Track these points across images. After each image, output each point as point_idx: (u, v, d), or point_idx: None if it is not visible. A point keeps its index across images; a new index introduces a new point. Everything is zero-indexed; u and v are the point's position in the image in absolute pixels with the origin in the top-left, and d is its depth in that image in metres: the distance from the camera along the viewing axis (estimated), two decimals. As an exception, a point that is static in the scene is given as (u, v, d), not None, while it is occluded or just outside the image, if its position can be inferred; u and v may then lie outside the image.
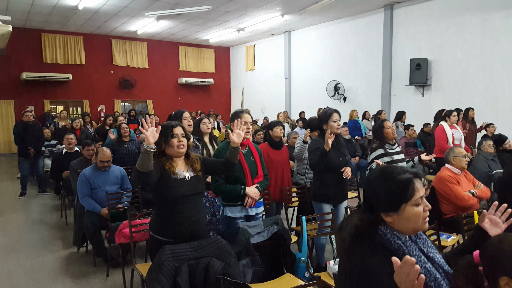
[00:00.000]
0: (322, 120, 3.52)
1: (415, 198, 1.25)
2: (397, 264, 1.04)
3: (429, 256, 1.29)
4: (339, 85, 12.22)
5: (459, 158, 3.77)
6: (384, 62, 10.97)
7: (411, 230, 1.28)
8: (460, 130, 6.28)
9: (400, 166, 1.36)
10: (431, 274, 1.22)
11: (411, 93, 10.49)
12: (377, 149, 3.75)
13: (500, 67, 8.59)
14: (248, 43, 16.38)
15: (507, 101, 8.42)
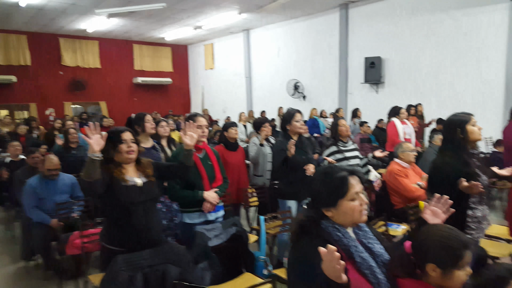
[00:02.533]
0: (286, 120, 3.57)
1: (350, 193, 1.37)
2: (323, 253, 1.13)
3: (368, 246, 1.40)
4: (299, 84, 12.41)
5: (407, 153, 3.96)
6: (341, 61, 11.27)
7: (349, 223, 1.40)
8: (411, 125, 6.59)
9: (339, 166, 1.45)
10: (367, 263, 1.32)
11: (366, 90, 10.86)
12: (330, 147, 3.88)
13: (448, 65, 9.10)
14: (206, 41, 16.21)
15: (451, 98, 8.93)
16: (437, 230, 1.39)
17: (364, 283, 1.28)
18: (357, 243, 1.36)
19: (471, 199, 2.37)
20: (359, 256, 1.32)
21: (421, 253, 1.36)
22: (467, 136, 2.38)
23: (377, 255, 1.39)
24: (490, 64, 8.45)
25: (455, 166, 2.32)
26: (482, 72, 8.59)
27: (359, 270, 1.30)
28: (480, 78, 8.62)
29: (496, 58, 8.31)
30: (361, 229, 1.46)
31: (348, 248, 1.32)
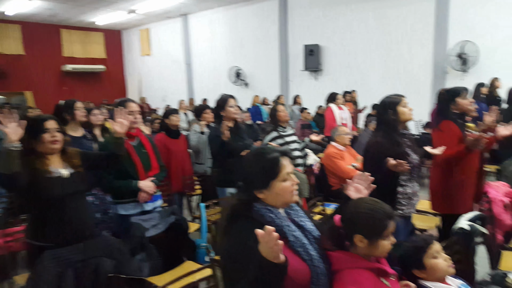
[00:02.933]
0: (219, 106, 3.49)
1: (282, 174, 1.37)
2: (260, 235, 1.12)
3: (300, 225, 1.43)
4: (240, 71, 12.38)
5: (342, 136, 4.13)
6: (281, 48, 11.39)
7: (282, 204, 1.41)
8: (347, 111, 6.88)
9: (270, 147, 1.44)
10: (299, 241, 1.35)
11: (306, 78, 11.13)
12: (271, 132, 3.91)
13: (380, 52, 9.61)
14: (142, 26, 15.49)
15: (384, 83, 9.45)
16: (363, 203, 1.46)
17: (298, 260, 1.31)
18: (289, 222, 1.38)
19: (401, 177, 2.50)
20: (292, 235, 1.34)
21: (349, 225, 1.42)
22: (398, 117, 2.49)
23: (309, 232, 1.42)
24: (418, 50, 9.09)
25: (386, 146, 2.43)
26: (412, 57, 9.21)
27: (292, 249, 1.32)
28: (411, 64, 9.24)
29: (424, 44, 8.95)
30: (292, 209, 1.48)
31: (281, 228, 1.33)
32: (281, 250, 1.13)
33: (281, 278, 1.18)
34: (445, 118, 2.84)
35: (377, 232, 1.38)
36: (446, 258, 1.63)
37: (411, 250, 1.67)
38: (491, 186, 3.13)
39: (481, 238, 2.49)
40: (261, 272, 1.15)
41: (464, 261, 2.28)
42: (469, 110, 2.92)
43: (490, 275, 2.40)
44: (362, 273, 1.37)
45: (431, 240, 1.65)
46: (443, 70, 8.78)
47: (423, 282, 1.64)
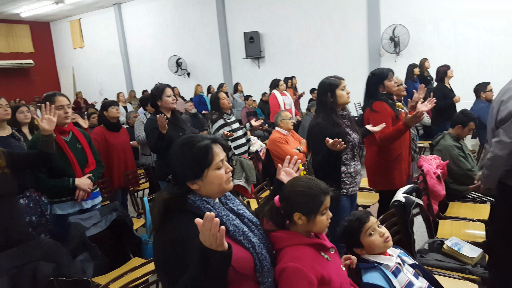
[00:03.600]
0: (156, 96, 3.32)
1: (216, 162, 1.31)
2: (200, 224, 1.07)
3: (239, 213, 1.40)
4: (181, 60, 12.07)
5: (285, 121, 4.18)
6: (221, 36, 11.26)
7: (217, 193, 1.35)
8: (290, 96, 6.99)
9: (200, 135, 1.38)
10: (239, 229, 1.31)
11: (248, 65, 11.13)
12: (217, 120, 3.85)
13: (318, 37, 9.85)
14: (72, 17, 14.52)
15: (323, 68, 9.70)
16: (299, 182, 1.48)
17: (240, 249, 1.28)
18: (227, 212, 1.34)
19: (344, 156, 2.59)
20: (232, 224, 1.30)
21: (288, 204, 1.44)
22: (336, 99, 2.57)
23: (248, 220, 1.41)
24: (353, 35, 9.45)
25: (326, 127, 2.50)
26: (348, 42, 9.57)
27: (233, 239, 1.29)
28: (347, 48, 9.60)
29: (358, 28, 9.32)
30: (229, 198, 1.45)
31: (220, 218, 1.27)
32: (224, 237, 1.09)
33: (226, 267, 1.14)
34: (377, 99, 2.96)
35: (314, 208, 1.41)
36: (382, 233, 1.69)
37: (347, 231, 1.73)
38: (425, 159, 3.35)
39: (417, 209, 2.65)
40: (205, 264, 1.10)
41: (403, 232, 2.43)
42: (395, 91, 3.05)
43: (428, 243, 2.58)
44: (302, 249, 1.39)
45: (365, 219, 1.71)
46: (378, 53, 9.22)
47: (364, 256, 1.72)
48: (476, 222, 2.89)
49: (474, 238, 2.66)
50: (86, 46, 14.69)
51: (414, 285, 1.62)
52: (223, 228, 1.07)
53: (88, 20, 14.29)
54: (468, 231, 2.81)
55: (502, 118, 2.26)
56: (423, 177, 3.10)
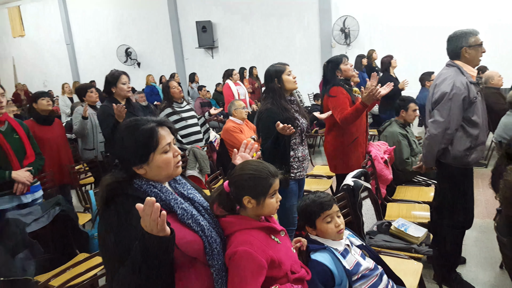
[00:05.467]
0: (110, 83, 3.19)
1: (162, 145, 1.28)
2: (141, 209, 1.04)
3: (189, 197, 1.37)
4: (130, 50, 11.61)
5: (239, 110, 4.15)
6: (172, 25, 10.96)
7: (165, 177, 1.32)
8: (244, 87, 6.96)
9: (145, 117, 1.32)
10: (188, 212, 1.28)
11: (202, 55, 10.94)
12: (165, 109, 3.76)
13: (274, 27, 9.89)
14: (9, 3, 13.48)
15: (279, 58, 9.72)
16: (248, 165, 1.47)
17: (189, 233, 1.26)
18: (176, 196, 1.31)
19: (293, 141, 2.63)
20: (180, 207, 1.27)
21: (237, 188, 1.42)
22: (283, 85, 2.60)
23: (199, 204, 1.38)
24: (306, 26, 9.58)
25: (275, 112, 2.52)
26: (302, 33, 9.69)
27: (182, 222, 1.26)
28: (301, 39, 9.72)
29: (311, 19, 9.46)
30: (179, 182, 1.41)
31: (168, 202, 1.25)
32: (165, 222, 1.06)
33: (169, 252, 1.12)
34: (334, 84, 3.06)
35: (263, 191, 1.40)
36: (337, 224, 1.71)
37: (308, 210, 1.73)
38: (373, 145, 3.47)
39: (366, 193, 2.74)
40: (146, 250, 1.07)
41: (352, 214, 2.50)
42: (352, 75, 3.18)
43: (376, 225, 2.68)
44: (252, 233, 1.38)
45: (328, 207, 1.71)
46: (329, 44, 9.43)
47: (313, 236, 1.74)
48: (421, 204, 3.05)
49: (419, 219, 2.81)
50: (28, 34, 13.71)
51: (362, 265, 1.66)
52: (164, 213, 1.05)
53: (28, 7, 13.35)
54: (414, 212, 2.95)
55: (436, 99, 2.43)
56: (371, 162, 3.21)
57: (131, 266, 1.11)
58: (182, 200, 1.31)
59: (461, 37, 2.44)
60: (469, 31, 2.44)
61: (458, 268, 2.72)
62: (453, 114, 2.38)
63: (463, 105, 2.38)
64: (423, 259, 2.36)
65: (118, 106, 2.90)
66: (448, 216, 2.64)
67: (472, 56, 2.44)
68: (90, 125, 3.99)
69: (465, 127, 2.43)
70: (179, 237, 1.19)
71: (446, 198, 2.66)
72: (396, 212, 2.96)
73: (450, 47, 2.52)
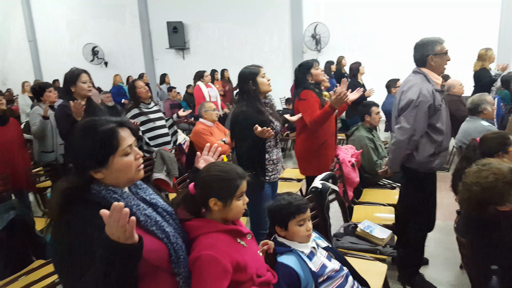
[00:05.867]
0: (69, 81, 3.03)
1: (122, 148, 1.20)
2: (106, 215, 0.97)
3: (152, 202, 1.30)
4: (98, 49, 11.28)
5: (210, 112, 4.09)
6: (142, 25, 10.76)
7: (125, 182, 1.24)
8: (215, 89, 6.90)
9: (104, 117, 1.24)
10: (152, 219, 1.22)
11: (172, 56, 10.79)
12: (132, 109, 3.66)
13: (245, 32, 9.90)
14: (-33, -5, 12.73)
15: (251, 62, 9.80)
16: (215, 166, 1.44)
17: (153, 240, 1.20)
18: (138, 201, 1.24)
19: (268, 143, 2.61)
20: (143, 214, 1.21)
21: (203, 190, 1.38)
22: (258, 87, 2.58)
23: (162, 209, 1.31)
24: (279, 31, 9.68)
25: (250, 115, 2.50)
26: (274, 38, 9.77)
27: (145, 229, 1.20)
28: (274, 44, 9.82)
29: (283, 25, 9.55)
30: (140, 187, 1.34)
31: (130, 208, 1.16)
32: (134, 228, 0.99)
33: (136, 261, 1.05)
34: (305, 88, 3.11)
35: (230, 192, 1.37)
36: (308, 227, 1.71)
37: (282, 211, 1.69)
38: (341, 149, 3.52)
39: (333, 195, 2.77)
40: (112, 260, 0.99)
41: (320, 216, 2.51)
42: (322, 79, 3.22)
43: (343, 227, 2.71)
44: (217, 236, 1.35)
45: (304, 210, 1.69)
46: (301, 50, 9.55)
47: (280, 238, 1.72)
48: (386, 206, 3.12)
49: (384, 220, 2.86)
50: (-16, 29, 13.01)
51: (327, 267, 1.66)
52: (133, 218, 0.98)
53: (-14, 0, 12.66)
54: (379, 214, 3.01)
55: (403, 106, 2.49)
56: (339, 165, 3.26)
57: (93, 277, 1.03)
58: (145, 206, 1.25)
59: (427, 45, 2.49)
60: (435, 39, 2.50)
61: (421, 269, 2.79)
62: (419, 121, 2.43)
63: (428, 113, 2.43)
64: (387, 260, 2.40)
65: (75, 103, 2.75)
66: (411, 219, 2.71)
67: (437, 64, 2.50)
68: (50, 127, 3.78)
69: (430, 134, 2.49)
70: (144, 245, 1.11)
71: (409, 201, 2.73)
72: (362, 214, 3.00)
73: (416, 54, 2.57)
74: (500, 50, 7.83)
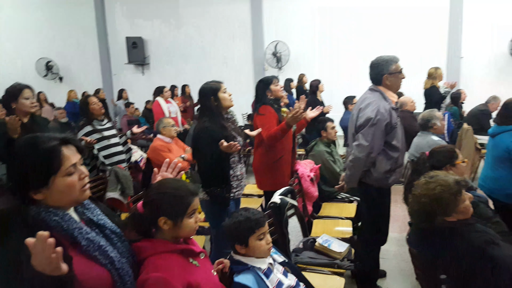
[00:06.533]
0: (10, 97, 2.86)
1: (65, 167, 1.13)
2: (31, 245, 0.90)
3: (99, 224, 1.23)
4: (52, 63, 10.84)
5: (168, 128, 4.02)
6: (100, 40, 10.51)
7: (69, 203, 1.17)
8: (176, 104, 6.81)
9: (47, 134, 1.16)
10: (95, 244, 1.15)
11: (131, 71, 10.59)
12: (84, 127, 3.50)
13: (209, 48, 9.95)
14: None
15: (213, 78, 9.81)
16: (165, 183, 1.38)
17: (95, 267, 1.12)
18: (81, 224, 1.16)
19: (231, 159, 2.58)
20: (85, 238, 1.13)
21: (152, 209, 1.32)
22: (220, 102, 2.56)
23: (110, 231, 1.24)
24: (240, 48, 9.78)
25: (214, 130, 2.46)
26: (236, 55, 9.84)
27: (87, 254, 1.12)
28: (236, 61, 9.88)
29: (244, 42, 9.68)
30: (87, 207, 1.26)
31: (71, 232, 1.11)
32: (61, 259, 0.92)
33: None
34: (263, 103, 3.13)
35: (181, 210, 1.32)
36: (268, 240, 1.68)
37: (242, 227, 1.64)
38: (300, 164, 3.56)
39: (292, 210, 2.77)
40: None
41: (278, 232, 2.49)
42: (281, 96, 3.27)
43: (302, 242, 2.70)
44: (167, 257, 1.28)
45: (263, 223, 1.67)
46: (262, 67, 9.69)
47: (237, 255, 1.68)
48: (344, 220, 3.16)
49: (342, 234, 2.89)
50: None
51: (284, 284, 1.64)
52: (59, 249, 0.90)
53: None
54: (337, 228, 3.04)
55: (361, 124, 2.53)
56: (298, 180, 3.28)
57: None
58: (89, 229, 1.17)
59: (382, 64, 2.55)
60: (390, 58, 2.55)
61: (378, 281, 2.83)
62: (376, 138, 2.47)
63: (385, 130, 2.48)
64: (346, 274, 2.42)
65: (10, 118, 2.60)
66: (366, 233, 2.76)
67: (392, 83, 2.56)
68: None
69: (386, 151, 2.53)
70: (84, 272, 1.06)
71: (364, 215, 2.78)
72: (321, 229, 3.02)
73: (372, 73, 2.62)
74: (449, 69, 8.38)
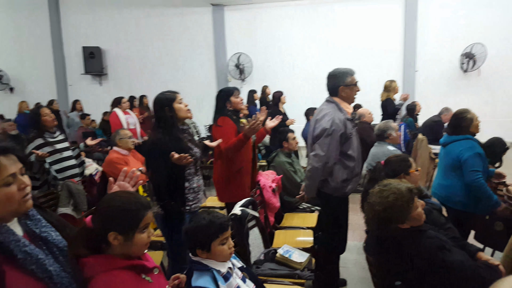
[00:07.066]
0: None
1: (2, 177, 1.06)
2: None
3: (41, 236, 1.17)
4: (2, 73, 10.27)
5: (125, 140, 3.87)
6: (55, 49, 10.12)
7: (8, 215, 1.10)
8: (134, 116, 6.62)
9: None
10: (33, 257, 1.08)
11: (88, 82, 10.25)
12: (35, 139, 3.31)
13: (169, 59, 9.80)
14: None
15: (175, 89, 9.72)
16: (116, 197, 1.32)
17: (30, 281, 1.05)
18: (19, 236, 1.09)
19: (187, 171, 2.50)
20: (22, 251, 1.07)
21: (102, 223, 1.26)
22: (175, 113, 2.48)
23: (54, 244, 1.17)
24: (203, 60, 9.74)
25: (168, 142, 2.39)
26: (198, 66, 9.78)
27: (23, 268, 1.05)
28: (198, 72, 9.82)
29: (207, 54, 9.64)
30: (31, 218, 1.19)
31: (6, 245, 1.04)
32: None
33: None
34: (222, 115, 3.08)
35: (133, 225, 1.26)
36: (231, 245, 1.65)
37: (205, 232, 1.59)
38: (262, 174, 3.55)
39: (253, 222, 2.74)
40: None
41: (239, 244, 2.45)
42: (241, 108, 3.24)
43: (263, 254, 2.67)
44: (118, 274, 1.22)
45: (227, 227, 1.63)
46: (225, 79, 9.70)
47: (196, 257, 1.62)
48: (305, 230, 3.16)
49: (303, 244, 2.88)
50: None
51: (242, 289, 1.61)
52: None
53: None
54: (299, 238, 3.04)
55: (317, 134, 2.58)
56: (259, 191, 3.26)
57: None
58: (27, 242, 1.09)
59: (338, 76, 2.63)
60: (346, 71, 2.64)
61: (339, 290, 2.85)
62: (332, 148, 2.53)
63: (340, 140, 2.55)
64: (306, 283, 2.41)
65: None
66: (325, 241, 2.78)
67: (348, 94, 2.64)
68: None
69: (342, 161, 2.60)
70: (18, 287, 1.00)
71: (323, 225, 2.81)
72: (282, 239, 3.00)
73: (329, 84, 2.69)
74: (405, 82, 8.80)
